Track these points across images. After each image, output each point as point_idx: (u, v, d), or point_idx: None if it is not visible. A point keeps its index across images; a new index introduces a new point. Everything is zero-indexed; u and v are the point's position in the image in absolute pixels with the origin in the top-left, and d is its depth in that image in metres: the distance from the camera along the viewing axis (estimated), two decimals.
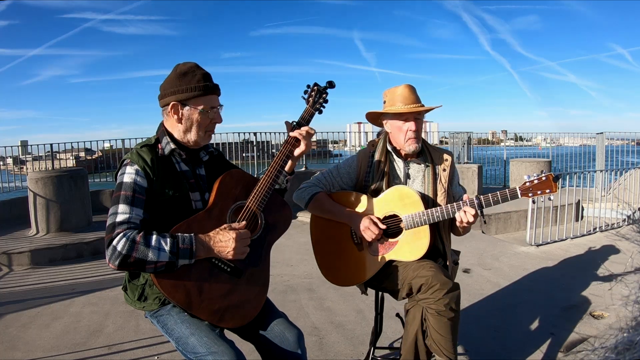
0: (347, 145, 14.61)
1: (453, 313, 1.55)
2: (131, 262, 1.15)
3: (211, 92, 1.36)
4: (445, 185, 1.77)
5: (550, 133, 9.91)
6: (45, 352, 2.41)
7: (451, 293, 1.55)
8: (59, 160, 9.29)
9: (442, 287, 1.54)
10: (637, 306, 0.79)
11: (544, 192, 1.59)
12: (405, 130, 1.75)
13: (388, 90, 1.81)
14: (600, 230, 5.11)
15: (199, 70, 1.36)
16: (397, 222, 1.71)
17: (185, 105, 1.34)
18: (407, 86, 1.77)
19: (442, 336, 1.55)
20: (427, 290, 1.56)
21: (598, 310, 2.78)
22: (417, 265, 1.64)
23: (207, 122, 1.37)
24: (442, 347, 1.56)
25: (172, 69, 1.38)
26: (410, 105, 1.74)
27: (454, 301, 1.55)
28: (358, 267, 1.77)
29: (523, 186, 1.61)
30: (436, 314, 1.54)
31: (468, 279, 3.48)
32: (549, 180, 1.58)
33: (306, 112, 1.52)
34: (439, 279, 1.55)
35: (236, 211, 1.36)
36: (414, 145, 1.76)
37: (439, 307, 1.53)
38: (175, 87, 1.33)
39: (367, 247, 1.75)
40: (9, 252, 4.10)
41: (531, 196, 1.60)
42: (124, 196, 1.23)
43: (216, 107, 1.38)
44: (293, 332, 1.38)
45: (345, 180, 1.89)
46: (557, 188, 1.59)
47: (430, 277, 1.56)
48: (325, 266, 1.85)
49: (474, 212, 1.60)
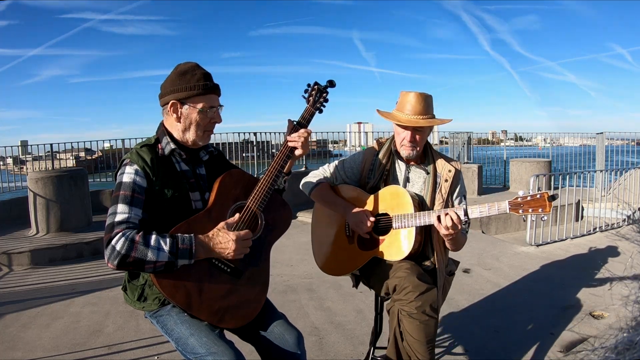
0: (347, 145, 14.60)
1: (426, 317, 1.52)
2: (130, 262, 1.15)
3: (210, 92, 1.36)
4: (444, 196, 1.74)
5: (550, 133, 9.92)
6: (45, 352, 2.41)
7: (423, 295, 1.52)
8: (59, 160, 9.29)
9: (414, 289, 1.52)
10: (637, 306, 0.79)
11: (535, 210, 1.48)
12: (402, 137, 1.75)
13: (403, 92, 1.76)
14: (600, 230, 5.10)
15: (199, 70, 1.36)
16: (389, 221, 1.72)
17: (184, 104, 1.34)
18: (417, 94, 1.71)
19: (416, 340, 1.53)
20: (400, 291, 1.56)
21: (598, 310, 2.78)
22: (396, 265, 1.65)
23: (206, 121, 1.37)
24: (415, 350, 1.54)
25: (173, 69, 1.38)
26: (412, 116, 1.70)
27: (427, 305, 1.52)
28: (345, 259, 1.81)
29: (514, 201, 1.52)
30: (408, 316, 1.53)
31: (468, 279, 3.48)
32: (544, 198, 1.48)
33: (307, 112, 1.52)
34: (411, 280, 1.54)
35: (236, 211, 1.36)
36: (407, 152, 1.76)
37: (410, 310, 1.52)
38: (174, 86, 1.34)
39: (356, 240, 1.79)
40: (9, 252, 4.10)
41: (521, 213, 1.50)
42: (123, 196, 1.23)
43: (215, 106, 1.38)
44: (293, 334, 1.38)
45: (349, 175, 1.91)
46: (550, 208, 1.47)
47: (403, 278, 1.56)
48: (317, 251, 1.93)
49: (456, 217, 1.54)
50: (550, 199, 1.48)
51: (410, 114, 1.71)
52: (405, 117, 1.71)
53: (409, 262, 1.66)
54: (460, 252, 1.98)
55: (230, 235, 1.25)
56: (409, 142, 1.73)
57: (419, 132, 1.74)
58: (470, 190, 6.99)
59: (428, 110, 1.72)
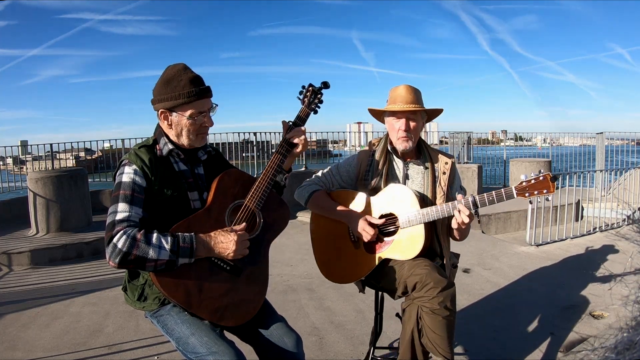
0: (347, 145, 14.61)
1: (448, 312, 1.54)
2: (131, 260, 1.15)
3: (196, 99, 1.33)
4: (444, 189, 1.76)
5: (550, 133, 9.92)
6: (45, 352, 2.41)
7: (445, 291, 1.53)
8: (59, 160, 9.29)
9: (436, 285, 1.53)
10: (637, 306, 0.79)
11: (541, 192, 1.54)
12: (397, 128, 1.76)
13: (392, 88, 1.82)
14: (600, 230, 5.10)
15: (185, 75, 1.32)
16: (394, 221, 1.72)
17: (172, 111, 1.34)
18: (406, 86, 1.78)
19: (438, 335, 1.54)
20: (421, 288, 1.56)
21: (598, 310, 2.78)
22: (412, 263, 1.64)
23: (197, 127, 1.36)
24: (437, 346, 1.55)
25: (162, 73, 1.36)
26: (404, 104, 1.74)
27: (448, 299, 1.54)
28: (354, 265, 1.78)
29: (519, 186, 1.57)
30: (431, 312, 1.54)
31: (468, 279, 3.48)
32: (547, 180, 1.53)
33: (302, 112, 1.53)
34: (432, 277, 1.55)
35: (234, 210, 1.36)
36: (404, 144, 1.76)
37: (433, 306, 1.53)
38: (161, 95, 1.33)
39: (363, 245, 1.77)
40: (9, 252, 4.10)
41: (528, 196, 1.55)
42: (123, 195, 1.24)
43: (205, 111, 1.36)
44: (292, 337, 1.39)
45: (345, 179, 1.90)
46: (554, 188, 1.55)
47: (424, 275, 1.56)
48: (322, 262, 1.88)
49: (468, 213, 1.58)
50: (552, 179, 1.53)
51: (402, 103, 1.75)
52: (397, 106, 1.75)
53: (425, 259, 1.67)
54: (461, 252, 1.98)
55: (231, 235, 1.26)
56: (404, 131, 1.74)
57: (412, 120, 1.75)
58: (470, 190, 6.99)
59: (419, 100, 1.77)
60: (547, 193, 1.54)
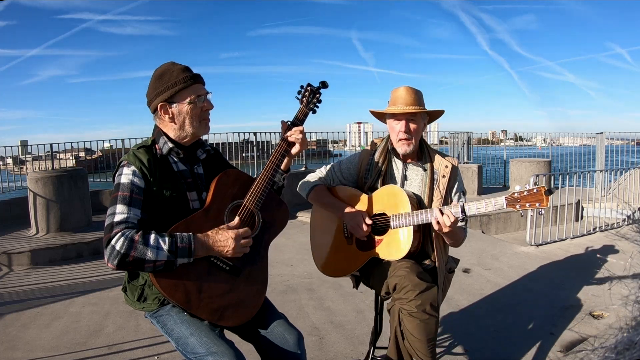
0: (347, 145, 14.62)
1: (427, 315, 1.51)
2: (130, 261, 1.15)
3: (193, 82, 1.36)
4: (442, 192, 1.74)
5: (550, 133, 9.92)
6: (45, 352, 2.41)
7: (423, 294, 1.52)
8: (59, 160, 9.29)
9: (414, 287, 1.52)
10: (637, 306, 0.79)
11: (533, 205, 1.47)
12: (397, 130, 1.76)
13: (394, 89, 1.81)
14: (600, 230, 5.10)
15: (175, 66, 1.36)
16: (387, 221, 1.72)
17: (172, 102, 1.35)
18: (407, 88, 1.77)
19: (417, 339, 1.53)
20: (400, 290, 1.56)
21: (598, 310, 2.78)
22: (395, 265, 1.65)
23: (198, 111, 1.37)
24: (417, 349, 1.54)
25: (152, 75, 1.38)
26: (404, 106, 1.73)
27: (427, 303, 1.52)
28: (344, 260, 1.82)
29: (510, 196, 1.51)
30: (409, 315, 1.53)
31: (468, 279, 3.48)
32: (540, 192, 1.47)
33: (300, 112, 1.53)
34: (410, 279, 1.54)
35: (233, 210, 1.36)
36: (404, 147, 1.76)
37: (411, 308, 1.52)
38: (157, 89, 1.35)
39: (355, 241, 1.79)
40: (9, 252, 4.10)
41: (519, 208, 1.49)
42: (122, 196, 1.24)
43: (203, 94, 1.38)
44: (293, 334, 1.38)
45: (345, 176, 1.92)
46: (548, 202, 1.48)
47: (403, 277, 1.56)
48: (317, 255, 1.92)
49: (453, 220, 1.55)
50: (547, 192, 1.47)
51: (402, 105, 1.74)
52: (397, 108, 1.75)
53: (409, 260, 1.66)
54: (461, 252, 1.98)
55: (229, 234, 1.26)
56: (404, 132, 1.74)
57: (412, 121, 1.75)
58: (470, 190, 6.99)
59: (419, 102, 1.76)
60: (540, 206, 1.47)
